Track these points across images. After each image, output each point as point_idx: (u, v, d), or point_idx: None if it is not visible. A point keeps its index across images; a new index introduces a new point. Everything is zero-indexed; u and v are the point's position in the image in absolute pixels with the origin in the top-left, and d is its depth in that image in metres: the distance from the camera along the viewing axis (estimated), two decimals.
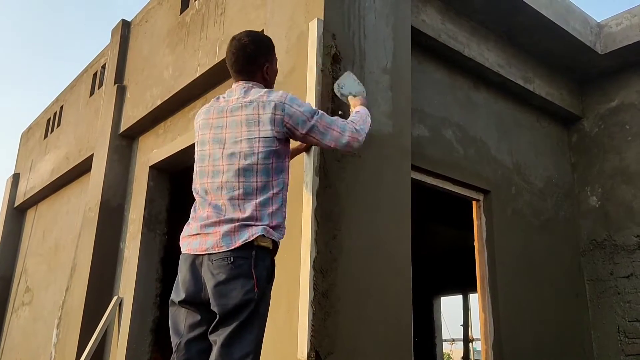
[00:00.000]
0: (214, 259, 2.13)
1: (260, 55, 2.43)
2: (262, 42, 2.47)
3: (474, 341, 12.44)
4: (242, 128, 2.27)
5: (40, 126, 9.27)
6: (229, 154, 2.25)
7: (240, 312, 2.08)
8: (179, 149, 5.13)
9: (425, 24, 4.32)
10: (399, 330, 3.26)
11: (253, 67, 2.41)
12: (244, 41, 2.40)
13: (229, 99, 2.37)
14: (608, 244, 5.27)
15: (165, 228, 5.59)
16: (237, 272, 2.10)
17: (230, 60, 2.44)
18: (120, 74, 6.50)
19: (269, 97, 2.30)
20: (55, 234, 7.70)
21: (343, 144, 2.41)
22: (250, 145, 2.23)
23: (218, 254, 2.12)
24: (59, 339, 6.47)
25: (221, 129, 2.31)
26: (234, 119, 2.29)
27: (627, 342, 4.97)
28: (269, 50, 2.49)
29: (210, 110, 2.39)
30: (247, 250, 2.12)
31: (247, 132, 2.25)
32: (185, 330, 2.21)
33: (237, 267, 2.10)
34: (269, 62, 2.47)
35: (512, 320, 4.57)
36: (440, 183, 4.44)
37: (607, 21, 5.30)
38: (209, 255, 2.15)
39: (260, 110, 2.26)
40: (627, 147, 5.34)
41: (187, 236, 2.27)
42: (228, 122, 2.30)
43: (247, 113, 2.28)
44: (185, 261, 2.25)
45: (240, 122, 2.28)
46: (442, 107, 4.56)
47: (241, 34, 2.45)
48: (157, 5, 6.04)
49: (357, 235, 3.15)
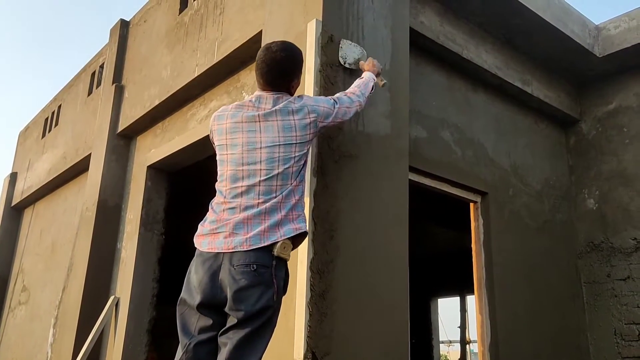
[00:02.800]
0: (236, 264, 2.14)
1: (293, 72, 2.49)
2: (296, 59, 2.51)
3: (471, 343, 12.44)
4: (279, 133, 2.32)
5: (38, 125, 9.26)
6: (268, 159, 2.28)
7: (258, 319, 2.13)
8: (176, 149, 5.13)
9: (423, 26, 4.32)
10: (396, 331, 3.26)
11: (284, 82, 2.46)
12: (279, 55, 2.43)
13: (260, 106, 2.39)
14: (605, 247, 5.28)
15: (163, 228, 5.58)
16: (260, 279, 2.14)
17: (261, 70, 2.45)
18: (118, 74, 6.50)
19: (298, 103, 2.41)
20: (53, 233, 7.69)
21: (351, 117, 2.71)
22: (287, 150, 2.30)
23: (241, 258, 2.15)
24: (55, 339, 6.46)
25: (255, 134, 2.34)
26: (269, 124, 2.33)
27: (624, 344, 4.98)
28: (300, 66, 2.54)
29: (238, 115, 2.40)
30: (269, 259, 2.17)
31: (284, 137, 2.31)
32: (196, 332, 2.21)
33: (260, 274, 2.14)
34: (298, 78, 2.54)
35: (509, 322, 4.57)
36: (437, 184, 4.45)
37: (605, 24, 5.31)
38: (231, 259, 2.16)
39: (295, 116, 2.36)
40: (625, 149, 5.35)
41: (207, 234, 2.26)
42: (262, 127, 2.34)
43: (283, 119, 2.34)
44: (203, 262, 2.23)
45: (276, 127, 2.33)
46: (440, 109, 4.56)
47: (278, 46, 2.46)
48: (156, 5, 6.04)
49: (354, 237, 3.15)
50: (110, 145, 6.08)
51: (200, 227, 2.32)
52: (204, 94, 5.02)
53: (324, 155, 3.09)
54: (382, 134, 3.45)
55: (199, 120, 4.98)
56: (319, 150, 3.06)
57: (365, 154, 3.31)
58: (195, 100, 5.12)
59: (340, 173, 3.16)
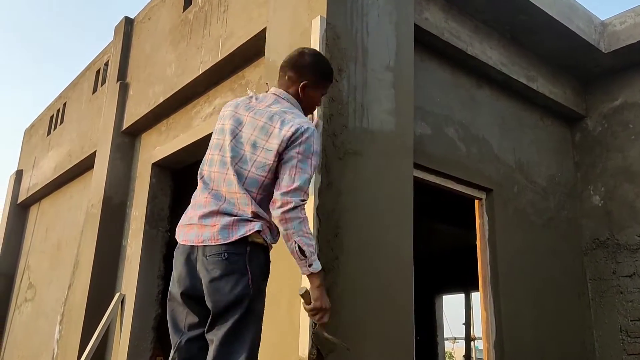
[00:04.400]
0: (208, 254, 2.11)
1: (306, 73, 2.40)
2: (318, 63, 2.46)
3: (476, 340, 12.43)
4: (255, 132, 2.25)
5: (44, 123, 9.29)
6: (238, 153, 2.23)
7: (236, 309, 2.06)
8: (181, 146, 5.14)
9: (428, 22, 4.31)
10: (401, 328, 3.26)
11: (293, 75, 2.39)
12: (304, 51, 2.47)
13: (260, 102, 2.36)
14: (611, 243, 5.26)
15: (168, 225, 5.60)
16: (232, 267, 2.08)
17: (282, 62, 2.45)
18: (123, 72, 6.51)
19: (293, 116, 2.25)
20: (58, 230, 7.72)
21: (279, 202, 2.13)
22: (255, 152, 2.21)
23: (213, 248, 2.11)
24: (61, 336, 6.49)
25: (239, 125, 2.30)
26: (253, 121, 2.28)
27: (629, 341, 4.97)
28: (318, 75, 2.45)
29: (239, 105, 2.38)
30: (241, 246, 2.11)
31: (259, 138, 2.22)
32: (186, 329, 2.20)
33: (232, 263, 2.08)
34: (311, 84, 2.40)
35: (514, 319, 4.56)
36: (442, 181, 4.43)
37: (611, 20, 5.28)
38: (204, 250, 2.13)
39: (278, 125, 2.21)
40: (631, 146, 5.33)
41: (184, 225, 2.25)
42: (247, 120, 2.30)
43: (265, 121, 2.26)
44: (180, 254, 2.23)
45: (256, 125, 2.26)
46: (444, 105, 4.55)
47: (309, 50, 2.52)
48: (160, 2, 6.04)
49: (358, 234, 3.15)
50: (115, 142, 6.10)
51: (182, 216, 2.31)
52: (208, 91, 5.02)
53: (328, 153, 3.08)
54: (386, 131, 3.44)
55: (204, 117, 4.98)
56: (323, 148, 3.05)
57: (369, 151, 3.30)
58: (200, 98, 5.13)
59: (344, 170, 3.16)
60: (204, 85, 4.98)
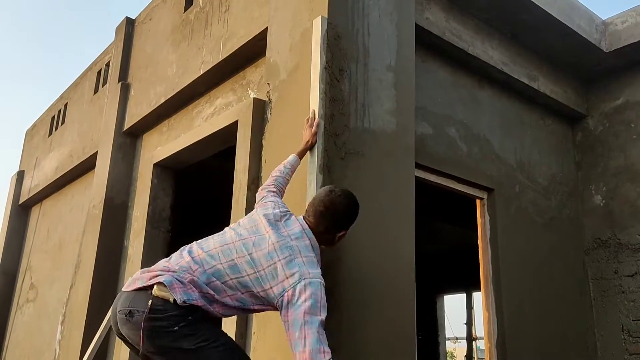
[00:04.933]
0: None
1: (343, 225, 2.50)
2: (352, 212, 2.53)
3: (477, 340, 12.43)
4: (260, 259, 2.28)
5: (45, 124, 9.30)
6: (232, 263, 2.29)
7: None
8: (182, 146, 5.13)
9: (429, 22, 4.31)
10: (402, 328, 3.26)
11: (330, 228, 2.46)
12: (340, 203, 2.46)
13: (285, 225, 2.40)
14: (612, 243, 5.25)
15: (169, 225, 5.59)
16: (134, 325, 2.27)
17: (315, 207, 2.45)
18: (124, 72, 6.52)
19: (303, 261, 2.25)
20: (60, 231, 7.73)
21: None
22: (245, 274, 2.27)
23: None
24: (63, 336, 6.50)
25: (251, 235, 2.37)
26: (262, 239, 2.33)
27: (631, 341, 4.96)
28: (352, 220, 2.54)
29: (262, 212, 2.48)
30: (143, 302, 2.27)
31: (264, 263, 2.26)
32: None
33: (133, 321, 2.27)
34: (346, 229, 2.52)
35: (516, 319, 4.56)
36: (443, 181, 4.44)
37: (612, 19, 5.28)
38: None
39: (284, 267, 2.22)
40: (632, 145, 5.32)
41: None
42: (258, 239, 2.34)
43: (277, 255, 2.26)
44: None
45: (265, 254, 2.28)
46: (446, 105, 4.55)
47: (340, 192, 2.50)
48: (161, 3, 6.05)
49: (360, 234, 3.15)
50: (117, 143, 6.10)
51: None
52: (209, 91, 5.02)
53: (330, 153, 3.08)
54: (388, 131, 3.45)
55: (205, 117, 4.98)
56: (324, 148, 3.05)
57: (371, 150, 3.30)
58: (201, 98, 5.13)
59: (346, 170, 3.16)
60: (205, 85, 4.99)
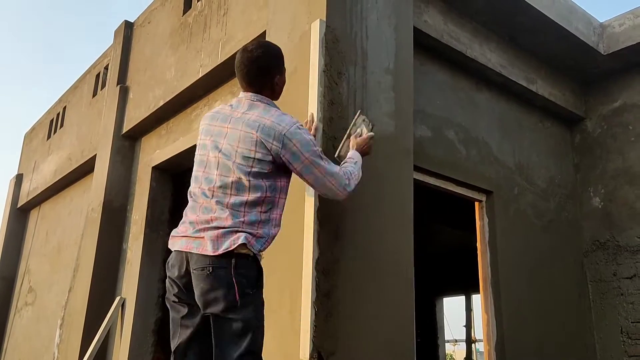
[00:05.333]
0: (195, 267, 2.15)
1: (272, 67, 2.40)
2: (273, 54, 2.44)
3: (477, 342, 12.43)
4: (239, 144, 2.24)
5: (44, 127, 9.29)
6: (224, 165, 2.24)
7: (227, 321, 2.10)
8: (181, 149, 5.14)
9: (427, 25, 4.32)
10: (402, 331, 3.26)
11: (265, 79, 2.38)
12: (256, 54, 2.36)
13: (235, 110, 2.35)
14: (611, 245, 5.26)
15: (168, 229, 5.59)
16: (217, 282, 2.11)
17: (241, 72, 2.38)
18: (122, 75, 6.52)
19: (272, 122, 2.25)
20: (58, 234, 7.72)
21: (331, 196, 2.44)
22: (246, 162, 2.21)
23: (199, 262, 2.14)
24: (61, 340, 6.49)
25: (221, 138, 2.30)
26: (234, 132, 2.27)
27: (630, 343, 4.96)
28: (279, 61, 2.45)
29: (216, 117, 2.38)
30: (226, 258, 2.12)
31: (245, 149, 2.22)
32: (182, 335, 2.25)
33: (217, 277, 2.11)
34: (280, 73, 2.44)
35: (515, 321, 4.56)
36: (442, 184, 4.44)
37: (610, 21, 5.29)
38: (190, 261, 2.18)
39: (260, 133, 2.22)
40: (630, 147, 5.33)
41: (177, 237, 2.30)
42: (229, 133, 2.29)
43: (247, 131, 2.24)
44: (176, 261, 2.27)
45: (239, 137, 2.25)
46: (444, 108, 4.55)
47: (252, 46, 2.40)
48: (160, 6, 6.06)
49: (359, 236, 3.15)
50: (115, 146, 6.10)
51: (176, 229, 2.37)
52: (208, 94, 5.03)
53: (328, 156, 3.07)
54: (386, 134, 3.45)
55: None
56: (323, 151, 3.05)
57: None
58: (200, 101, 5.13)
59: None
60: (203, 88, 4.99)
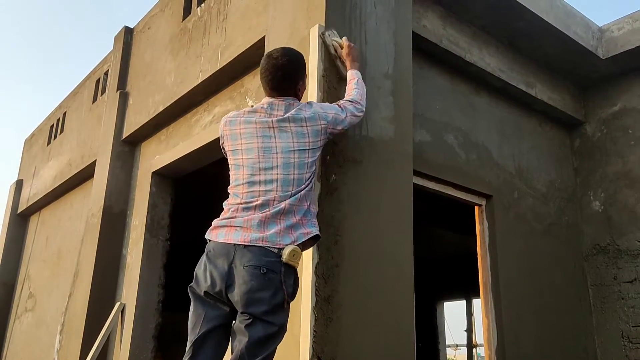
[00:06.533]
0: (247, 264, 2.18)
1: (295, 74, 2.54)
2: (298, 62, 2.58)
3: (478, 347, 12.39)
4: (293, 139, 2.39)
5: (44, 133, 9.31)
6: (284, 164, 2.35)
7: (264, 323, 2.16)
8: (181, 154, 5.15)
9: (426, 30, 4.33)
10: (402, 335, 3.25)
11: (290, 85, 2.52)
12: (281, 61, 2.50)
13: (272, 113, 2.45)
14: (611, 249, 5.25)
15: (168, 234, 5.60)
16: (269, 283, 2.18)
17: (266, 78, 2.52)
18: (122, 81, 6.53)
19: (309, 110, 2.47)
20: (58, 240, 7.71)
21: (355, 123, 2.83)
22: (301, 155, 2.38)
23: (252, 259, 2.18)
24: (61, 345, 6.47)
25: (270, 139, 2.40)
26: (283, 131, 2.40)
27: (631, 347, 4.95)
28: (302, 68, 2.60)
29: (251, 121, 2.46)
30: (277, 265, 2.20)
31: (298, 143, 2.39)
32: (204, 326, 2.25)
33: (269, 279, 2.18)
34: (302, 79, 2.59)
35: (516, 326, 4.55)
36: (442, 188, 4.44)
37: (609, 26, 5.30)
38: (242, 257, 2.19)
39: (307, 123, 2.43)
40: (630, 151, 5.33)
41: (226, 226, 2.30)
42: (276, 133, 2.40)
43: (296, 125, 2.41)
44: (215, 255, 2.26)
45: (291, 134, 2.40)
46: (443, 112, 4.56)
47: (277, 53, 2.54)
48: (160, 12, 6.07)
49: (359, 241, 3.15)
50: (115, 151, 6.11)
51: (215, 222, 2.36)
52: (207, 99, 5.04)
53: (328, 161, 3.09)
54: (386, 138, 3.45)
55: (203, 126, 4.99)
56: (323, 155, 3.06)
57: (369, 158, 3.31)
58: (199, 106, 5.14)
59: (344, 178, 3.16)
60: (203, 93, 5.00)
